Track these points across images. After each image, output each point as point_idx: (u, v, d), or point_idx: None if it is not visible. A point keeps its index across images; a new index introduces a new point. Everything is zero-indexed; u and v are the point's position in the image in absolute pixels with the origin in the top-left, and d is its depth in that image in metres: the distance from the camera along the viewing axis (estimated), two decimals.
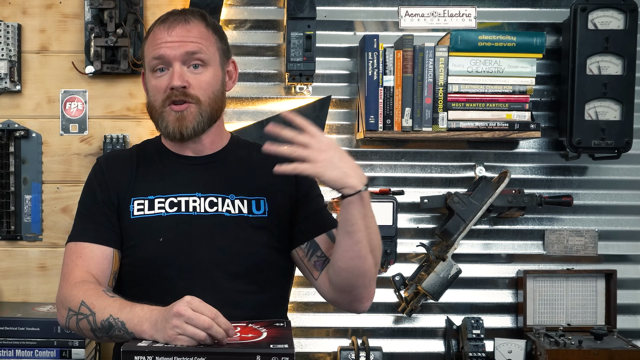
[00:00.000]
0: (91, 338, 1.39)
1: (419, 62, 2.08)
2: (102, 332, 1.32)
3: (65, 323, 1.40)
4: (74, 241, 1.49)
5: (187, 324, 1.19)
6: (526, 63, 2.09)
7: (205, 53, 1.46)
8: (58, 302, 1.43)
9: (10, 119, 2.18)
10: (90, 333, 1.35)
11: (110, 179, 1.51)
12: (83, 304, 1.35)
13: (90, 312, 1.34)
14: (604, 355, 2.02)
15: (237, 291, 1.44)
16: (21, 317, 1.96)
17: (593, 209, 2.27)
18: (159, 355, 1.16)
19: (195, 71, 1.45)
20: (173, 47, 1.43)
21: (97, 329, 1.33)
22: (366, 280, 1.41)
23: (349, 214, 1.33)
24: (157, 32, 1.46)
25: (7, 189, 2.17)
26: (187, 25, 1.45)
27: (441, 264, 2.13)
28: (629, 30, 2.08)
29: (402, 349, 2.26)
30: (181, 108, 1.45)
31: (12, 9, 2.18)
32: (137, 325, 1.27)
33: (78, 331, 1.38)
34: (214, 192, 1.48)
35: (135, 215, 1.48)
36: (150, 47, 1.47)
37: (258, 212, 1.48)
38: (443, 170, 2.25)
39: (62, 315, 1.41)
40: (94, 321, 1.33)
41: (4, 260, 2.20)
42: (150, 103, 1.50)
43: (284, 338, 1.21)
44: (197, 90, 1.45)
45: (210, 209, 1.47)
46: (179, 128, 1.45)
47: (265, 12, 2.23)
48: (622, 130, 2.09)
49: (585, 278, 2.24)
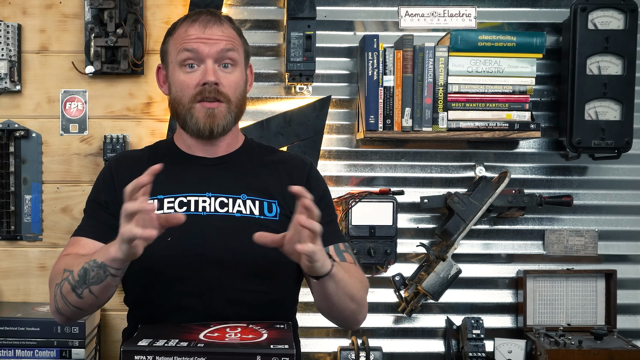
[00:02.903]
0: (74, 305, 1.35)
1: (419, 62, 2.08)
2: (80, 283, 1.31)
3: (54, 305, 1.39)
4: (74, 236, 1.51)
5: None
6: (526, 63, 2.09)
7: (236, 52, 1.48)
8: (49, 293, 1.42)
9: (10, 119, 2.18)
10: (71, 295, 1.33)
11: (118, 179, 1.50)
12: (64, 270, 1.36)
13: (69, 272, 1.34)
14: (604, 355, 2.02)
15: (245, 291, 1.43)
16: (21, 317, 1.96)
17: (593, 209, 2.27)
18: (159, 355, 1.16)
19: (226, 70, 1.47)
20: (208, 44, 1.44)
21: (75, 284, 1.31)
22: (351, 319, 1.45)
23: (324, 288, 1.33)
24: (189, 28, 1.46)
25: (7, 189, 2.17)
26: (222, 26, 1.47)
27: (441, 264, 2.13)
28: (629, 30, 2.08)
29: (402, 349, 2.26)
30: (212, 105, 1.45)
31: (12, 9, 2.18)
32: (104, 252, 1.27)
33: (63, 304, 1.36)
34: (225, 192, 1.47)
35: None
36: (180, 41, 1.47)
37: (270, 214, 1.48)
38: (443, 170, 2.25)
39: (51, 298, 1.40)
40: (73, 278, 1.32)
41: (4, 260, 2.20)
42: (176, 98, 1.49)
43: (284, 339, 1.21)
44: (228, 89, 1.46)
45: (221, 209, 1.46)
46: (210, 125, 1.46)
47: (265, 12, 2.23)
48: (622, 130, 2.09)
49: (585, 278, 2.24)
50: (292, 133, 2.18)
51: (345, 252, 1.49)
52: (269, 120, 2.18)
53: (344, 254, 1.49)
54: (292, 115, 2.20)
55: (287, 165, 1.56)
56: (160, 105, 2.18)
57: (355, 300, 1.40)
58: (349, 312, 1.41)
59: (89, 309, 1.37)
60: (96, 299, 1.32)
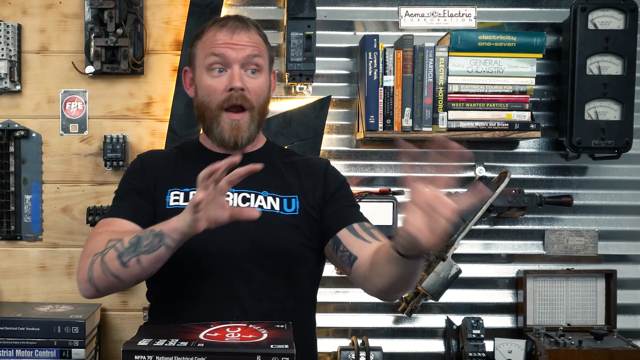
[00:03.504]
0: (114, 273, 1.33)
1: (419, 62, 2.08)
2: (130, 251, 1.30)
3: (86, 275, 1.37)
4: (106, 218, 1.49)
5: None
6: (526, 63, 2.09)
7: (262, 58, 1.51)
8: (80, 265, 1.40)
9: (10, 119, 2.18)
10: (115, 262, 1.32)
11: (148, 171, 1.53)
12: (110, 240, 1.35)
13: (117, 240, 1.34)
14: (604, 355, 2.02)
15: (268, 284, 1.45)
16: (21, 317, 1.96)
17: (593, 209, 2.27)
18: (159, 355, 1.16)
19: (252, 76, 1.50)
20: (236, 49, 1.47)
21: (123, 251, 1.31)
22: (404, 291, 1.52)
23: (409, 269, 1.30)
24: (217, 33, 1.49)
25: (7, 189, 2.17)
26: (249, 32, 1.50)
27: (441, 264, 2.13)
28: (629, 30, 2.08)
29: (402, 349, 2.26)
30: (237, 117, 1.49)
31: (12, 9, 2.18)
32: (164, 223, 1.29)
33: (99, 273, 1.34)
34: (247, 188, 1.49)
35: (171, 205, 1.49)
36: (209, 45, 1.49)
37: (289, 210, 1.51)
38: (443, 170, 2.25)
39: (83, 268, 1.38)
40: (122, 245, 1.32)
41: (4, 260, 2.20)
42: (203, 103, 1.51)
43: (284, 339, 1.21)
44: (253, 95, 1.49)
45: (243, 204, 1.49)
46: (235, 137, 1.49)
47: (265, 12, 2.23)
48: (622, 130, 2.09)
49: (585, 278, 2.24)
50: (292, 133, 2.18)
51: (372, 229, 1.51)
52: (269, 120, 2.18)
53: (371, 230, 1.50)
54: (292, 115, 2.20)
55: (305, 164, 1.60)
56: (160, 105, 2.18)
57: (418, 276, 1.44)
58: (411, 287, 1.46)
59: (125, 282, 1.36)
60: (140, 270, 1.32)
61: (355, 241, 1.48)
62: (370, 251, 1.44)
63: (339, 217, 1.52)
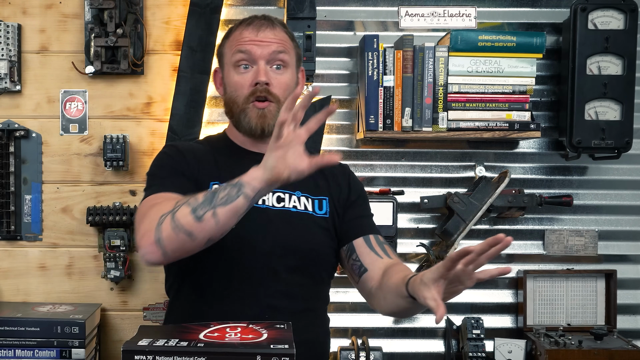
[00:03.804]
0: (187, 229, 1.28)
1: (419, 62, 2.08)
2: (205, 205, 1.27)
3: (154, 236, 1.30)
4: (153, 195, 1.45)
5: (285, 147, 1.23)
6: (526, 63, 2.09)
7: (287, 54, 1.54)
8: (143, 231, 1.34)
9: (10, 119, 2.18)
10: (188, 218, 1.27)
11: (190, 160, 1.53)
12: (178, 201, 1.32)
13: (190, 197, 1.31)
14: (604, 355, 2.02)
15: (294, 283, 1.50)
16: (21, 317, 1.96)
17: (593, 209, 2.27)
18: (159, 354, 1.16)
19: (277, 71, 1.53)
20: (261, 46, 1.51)
21: (198, 206, 1.27)
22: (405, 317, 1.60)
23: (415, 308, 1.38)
24: (243, 32, 1.54)
25: (7, 189, 2.17)
26: (274, 29, 1.54)
27: None
28: (629, 30, 2.08)
29: (402, 349, 2.26)
30: (263, 105, 1.51)
31: (12, 9, 2.18)
32: (243, 175, 1.27)
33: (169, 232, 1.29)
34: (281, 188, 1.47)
35: None
36: (235, 43, 1.54)
37: (320, 211, 1.56)
38: (443, 170, 2.25)
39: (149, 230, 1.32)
40: (195, 200, 1.28)
41: (4, 260, 2.20)
42: (231, 98, 1.55)
43: (284, 339, 1.21)
44: (277, 89, 1.52)
45: (278, 203, 1.52)
46: (261, 124, 1.52)
47: (265, 12, 2.19)
48: (622, 130, 2.09)
49: (585, 278, 2.24)
50: None
51: (385, 244, 1.56)
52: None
53: (384, 245, 1.55)
54: None
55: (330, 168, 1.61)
56: (160, 105, 2.18)
57: None
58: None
59: (196, 240, 1.29)
60: (215, 225, 1.27)
61: (368, 253, 1.53)
62: (380, 266, 1.49)
63: (356, 225, 1.57)
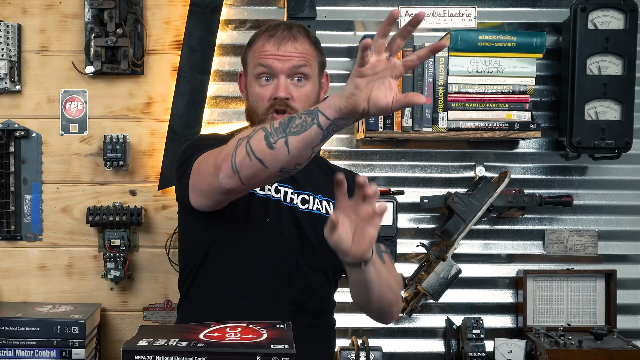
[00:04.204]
0: (258, 155, 1.25)
1: None
2: (279, 131, 1.23)
3: (230, 162, 1.28)
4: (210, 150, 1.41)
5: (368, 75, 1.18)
6: (526, 63, 2.09)
7: (309, 67, 1.55)
8: (220, 156, 1.32)
9: (10, 119, 2.18)
10: (261, 143, 1.24)
11: None
12: (256, 128, 1.29)
13: (267, 123, 1.28)
14: (604, 355, 2.02)
15: (315, 282, 1.56)
16: (21, 317, 1.96)
17: (593, 209, 2.27)
18: (159, 354, 1.16)
19: (298, 84, 1.54)
20: (281, 61, 1.52)
21: (272, 131, 1.23)
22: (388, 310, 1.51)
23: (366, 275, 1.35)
24: (265, 44, 1.55)
25: (7, 189, 2.17)
26: (295, 42, 1.54)
27: (441, 264, 2.13)
28: (629, 30, 2.08)
29: (402, 349, 2.26)
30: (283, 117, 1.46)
31: (12, 9, 2.18)
32: (322, 102, 1.24)
33: (244, 156, 1.26)
34: (305, 190, 1.57)
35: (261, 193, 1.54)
36: (257, 55, 1.55)
37: None
38: (443, 170, 2.25)
39: (227, 155, 1.29)
40: (271, 126, 1.25)
41: (4, 260, 2.20)
42: (252, 108, 1.57)
43: (284, 339, 1.21)
44: (298, 102, 1.53)
45: (303, 205, 1.56)
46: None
47: (265, 12, 2.22)
48: (622, 130, 2.09)
49: (585, 278, 2.24)
50: None
51: (384, 253, 1.56)
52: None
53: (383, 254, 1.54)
54: None
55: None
56: (160, 105, 2.18)
57: (392, 289, 1.47)
58: (387, 301, 1.46)
59: (268, 169, 1.26)
60: (287, 154, 1.23)
61: None
62: None
63: None
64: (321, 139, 1.22)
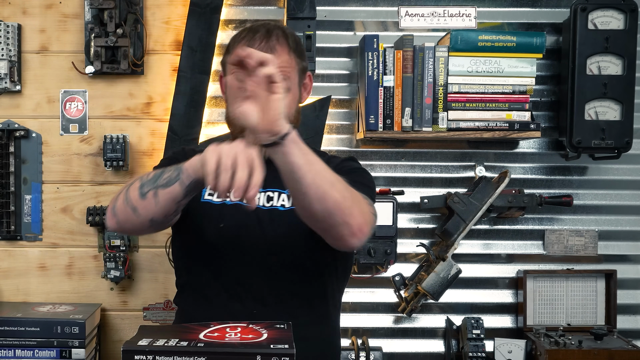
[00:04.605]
0: (132, 202, 1.32)
1: (419, 62, 2.08)
2: (150, 182, 1.31)
3: (112, 205, 1.37)
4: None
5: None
6: (526, 63, 2.09)
7: (288, 80, 1.48)
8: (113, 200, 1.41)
9: (10, 119, 2.18)
10: (136, 192, 1.32)
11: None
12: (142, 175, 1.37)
13: (147, 173, 1.35)
14: (604, 355, 2.02)
15: (287, 281, 1.49)
16: (21, 317, 1.96)
17: (593, 209, 2.27)
18: (159, 354, 1.16)
19: None
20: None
21: (145, 182, 1.32)
22: (338, 217, 1.27)
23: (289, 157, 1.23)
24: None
25: (7, 189, 2.17)
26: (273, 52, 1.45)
27: (441, 264, 2.13)
28: (629, 30, 2.08)
29: (402, 349, 2.26)
30: None
31: (12, 9, 2.18)
32: (188, 160, 1.28)
33: (122, 201, 1.34)
34: (272, 187, 1.51)
35: (205, 199, 1.53)
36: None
37: None
38: (443, 170, 2.25)
39: (112, 200, 1.39)
40: (147, 177, 1.32)
41: (4, 260, 2.20)
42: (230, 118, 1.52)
43: (284, 339, 1.21)
44: None
45: (267, 203, 1.51)
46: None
47: (265, 12, 2.22)
48: (622, 130, 2.09)
49: (585, 278, 2.24)
50: None
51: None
52: None
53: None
54: None
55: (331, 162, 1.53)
56: (160, 105, 2.18)
57: (338, 189, 1.26)
58: (333, 202, 1.25)
59: (140, 217, 1.33)
60: (155, 205, 1.30)
61: None
62: None
63: None
64: (183, 195, 1.29)
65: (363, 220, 1.31)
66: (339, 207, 1.26)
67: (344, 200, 1.27)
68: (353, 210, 1.28)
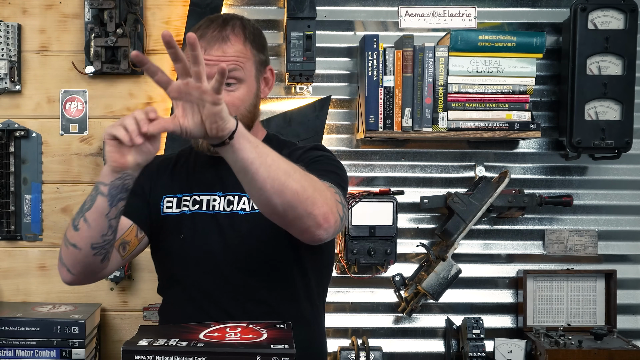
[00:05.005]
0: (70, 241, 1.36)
1: (419, 62, 2.08)
2: (78, 215, 1.33)
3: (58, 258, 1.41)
4: None
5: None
6: (526, 63, 2.09)
7: (241, 70, 1.45)
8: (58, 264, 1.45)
9: (10, 119, 2.18)
10: (70, 230, 1.35)
11: (147, 175, 1.50)
12: None
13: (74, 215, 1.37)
14: (604, 355, 2.02)
15: (250, 287, 1.47)
16: (21, 317, 1.96)
17: (593, 209, 2.27)
18: (159, 354, 1.16)
19: (229, 89, 1.44)
20: (209, 66, 1.36)
21: (75, 217, 1.34)
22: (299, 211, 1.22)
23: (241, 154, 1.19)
24: None
25: (7, 189, 2.17)
26: (225, 45, 1.44)
27: (441, 264, 2.13)
28: (629, 30, 2.08)
29: (402, 349, 2.26)
30: None
31: (12, 9, 2.18)
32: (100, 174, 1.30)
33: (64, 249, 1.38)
34: (233, 190, 1.50)
35: (165, 212, 1.53)
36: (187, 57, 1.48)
37: None
38: (443, 170, 2.25)
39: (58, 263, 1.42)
40: (76, 215, 1.34)
41: (4, 260, 2.20)
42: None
43: (284, 339, 1.21)
44: (231, 107, 1.39)
45: (228, 207, 1.49)
46: (206, 145, 1.45)
47: (265, 12, 2.23)
48: (622, 130, 2.09)
49: (585, 278, 2.24)
50: (292, 133, 2.18)
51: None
52: (269, 120, 2.18)
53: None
54: (292, 115, 2.20)
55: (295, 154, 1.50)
56: (160, 105, 2.18)
57: (295, 178, 1.21)
58: (292, 193, 1.20)
59: (82, 250, 1.34)
60: (88, 230, 1.31)
61: None
62: None
63: None
64: (109, 205, 1.28)
65: (328, 209, 1.25)
66: (299, 197, 1.21)
67: (303, 191, 1.21)
68: (315, 200, 1.23)
